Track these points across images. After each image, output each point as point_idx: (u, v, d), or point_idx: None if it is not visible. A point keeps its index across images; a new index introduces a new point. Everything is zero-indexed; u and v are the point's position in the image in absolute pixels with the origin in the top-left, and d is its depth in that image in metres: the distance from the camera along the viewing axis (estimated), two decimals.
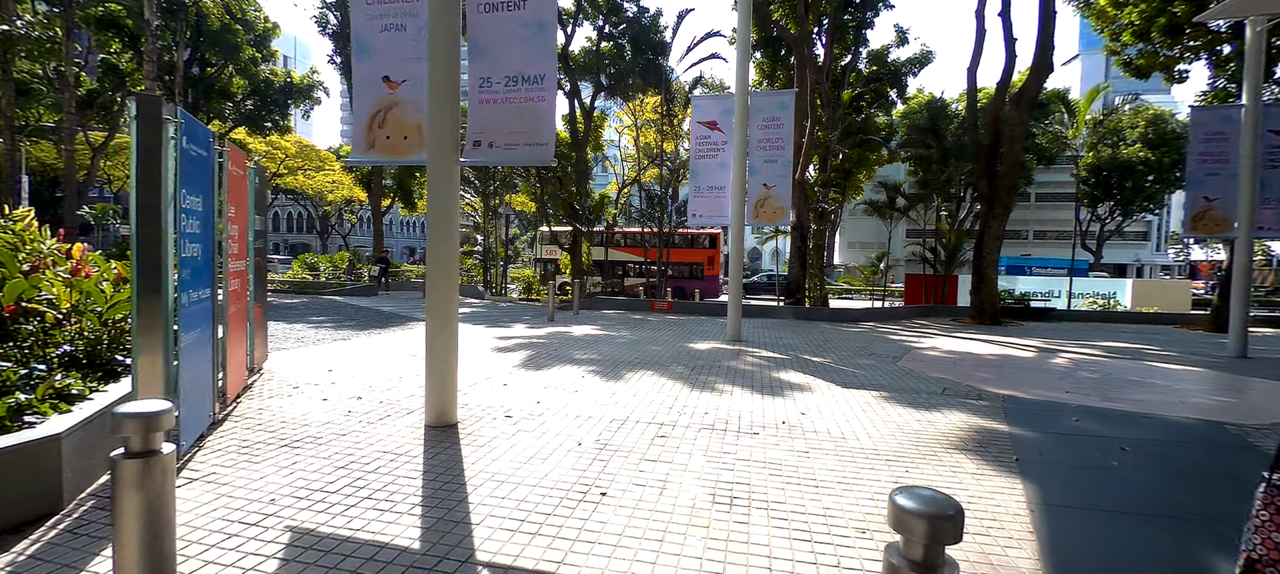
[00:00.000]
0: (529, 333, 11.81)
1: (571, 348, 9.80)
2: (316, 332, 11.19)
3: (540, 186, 28.25)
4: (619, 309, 18.53)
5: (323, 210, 56.84)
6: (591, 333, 12.10)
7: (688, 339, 11.49)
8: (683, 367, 8.32)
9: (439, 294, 5.11)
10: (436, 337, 5.14)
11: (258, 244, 6.48)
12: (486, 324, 13.49)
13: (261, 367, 7.01)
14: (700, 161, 11.62)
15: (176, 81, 29.49)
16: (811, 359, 9.51)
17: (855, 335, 13.33)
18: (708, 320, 15.88)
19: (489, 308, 18.85)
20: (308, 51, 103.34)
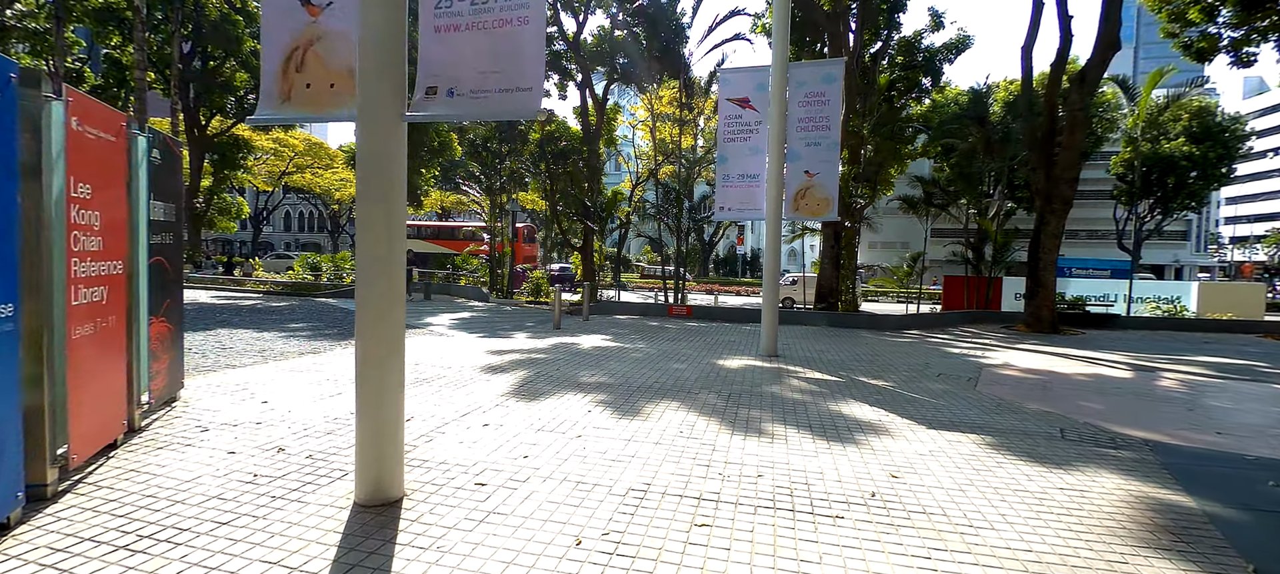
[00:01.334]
0: (530, 345, 10.21)
1: (578, 366, 8.17)
2: (285, 343, 9.68)
3: (551, 182, 26.72)
4: (633, 315, 16.89)
5: (331, 209, 55.96)
6: (602, 345, 10.47)
7: (715, 353, 9.82)
8: (715, 395, 6.65)
9: (375, 307, 3.51)
10: (371, 372, 3.54)
11: (163, 240, 4.92)
12: (484, 332, 11.92)
13: (176, 397, 5.46)
14: (730, 145, 9.95)
15: (173, 73, 28.34)
16: (869, 382, 7.79)
17: (905, 348, 11.57)
18: (733, 330, 14.18)
19: (491, 312, 17.31)
20: None
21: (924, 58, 24.79)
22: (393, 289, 3.57)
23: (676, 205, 17.54)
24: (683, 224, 17.67)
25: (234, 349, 8.82)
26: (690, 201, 18.07)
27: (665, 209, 17.97)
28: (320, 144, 51.32)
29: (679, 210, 17.55)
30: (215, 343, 9.35)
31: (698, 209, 18.24)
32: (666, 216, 17.86)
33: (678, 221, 17.77)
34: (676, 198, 17.59)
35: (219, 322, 11.95)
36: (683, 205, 17.67)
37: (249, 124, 15.47)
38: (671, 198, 17.77)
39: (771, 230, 9.49)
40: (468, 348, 9.51)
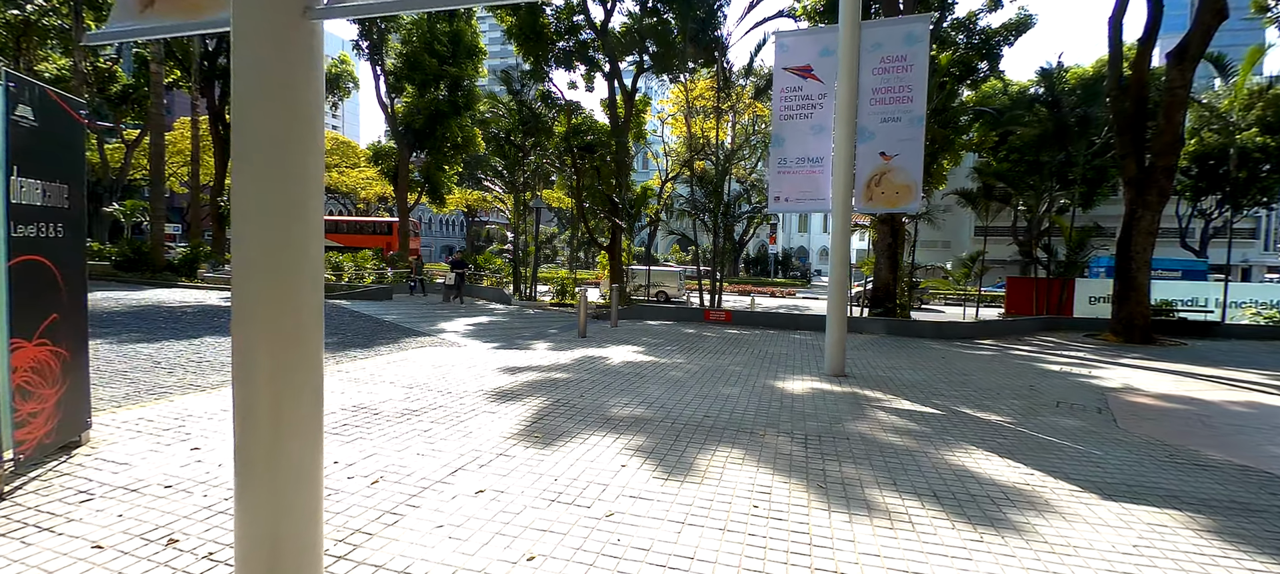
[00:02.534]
0: (550, 358, 8.77)
1: (606, 391, 6.68)
2: None
3: (577, 178, 25.36)
4: (665, 320, 15.36)
5: (357, 207, 55.79)
6: (635, 359, 8.97)
7: (768, 370, 8.24)
8: (787, 438, 5.08)
9: (261, 340, 2.07)
10: (254, 449, 2.10)
11: (44, 233, 3.59)
12: (500, 341, 10.54)
13: (78, 441, 4.14)
14: (787, 124, 8.34)
15: (195, 70, 27.86)
16: (977, 416, 6.12)
17: (989, 363, 9.80)
18: (780, 338, 12.54)
19: (512, 316, 15.98)
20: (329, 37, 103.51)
21: (980, 39, 22.71)
22: (302, 308, 2.12)
23: (713, 200, 15.95)
24: (719, 221, 16.06)
25: (207, 363, 7.58)
26: (726, 197, 16.45)
27: (700, 204, 16.39)
28: (348, 143, 51.16)
29: (716, 205, 15.96)
30: (192, 355, 8.14)
31: (733, 206, 16.59)
32: (702, 213, 16.29)
33: (715, 218, 16.17)
34: (713, 191, 16.00)
35: (213, 328, 10.83)
36: (721, 199, 16.07)
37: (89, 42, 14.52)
38: (708, 191, 16.17)
39: (838, 224, 7.87)
40: (478, 362, 8.11)
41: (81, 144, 3.92)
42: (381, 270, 26.86)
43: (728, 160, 16.61)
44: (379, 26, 31.07)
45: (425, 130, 31.17)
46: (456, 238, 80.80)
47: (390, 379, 6.75)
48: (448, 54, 30.61)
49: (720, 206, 16.02)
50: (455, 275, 20.30)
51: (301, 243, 2.10)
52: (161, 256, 22.47)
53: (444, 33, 30.82)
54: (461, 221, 73.13)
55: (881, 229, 14.82)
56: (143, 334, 9.71)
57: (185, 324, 11.19)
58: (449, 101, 31.08)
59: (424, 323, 13.17)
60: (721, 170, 16.19)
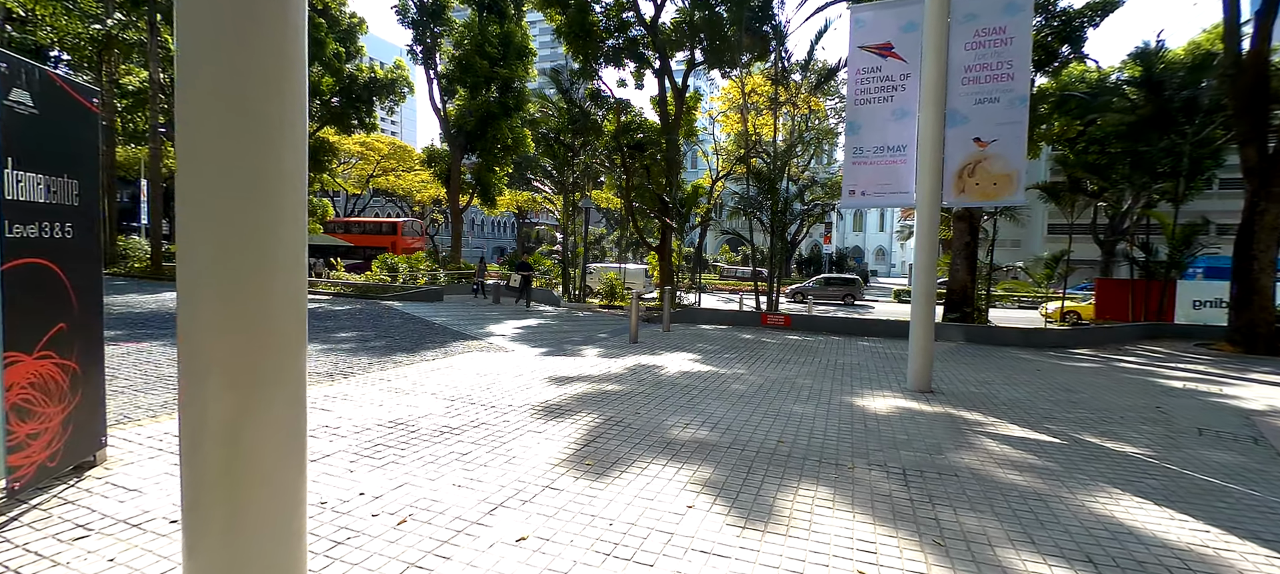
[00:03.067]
0: (601, 366, 8.19)
1: (663, 407, 6.03)
2: (316, 360, 8.19)
3: (626, 177, 24.86)
4: (719, 324, 14.58)
5: (412, 209, 57.21)
6: (691, 369, 8.28)
7: (841, 383, 7.40)
8: (880, 471, 4.29)
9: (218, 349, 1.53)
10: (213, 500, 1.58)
11: (48, 232, 3.24)
12: (548, 346, 10.05)
13: (91, 462, 3.80)
14: (864, 109, 7.46)
15: None
16: (1105, 447, 5.14)
17: (1094, 377, 8.61)
18: (847, 346, 11.59)
19: (561, 319, 15.57)
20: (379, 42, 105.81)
21: (1061, 22, 20.86)
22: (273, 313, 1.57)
23: (771, 197, 15.05)
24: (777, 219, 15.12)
25: None
26: (786, 193, 15.51)
27: (755, 202, 15.52)
28: (404, 147, 52.49)
29: (773, 203, 15.06)
30: None
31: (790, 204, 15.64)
32: (758, 211, 15.42)
33: (773, 216, 15.27)
34: (770, 187, 15.09)
35: None
36: (777, 196, 15.15)
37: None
38: (763, 188, 15.28)
39: (924, 220, 6.95)
40: (525, 371, 7.61)
41: (94, 136, 3.57)
42: (434, 272, 27.12)
43: (785, 155, 15.64)
44: (433, 31, 31.51)
45: (476, 132, 31.39)
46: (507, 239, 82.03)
47: (432, 389, 6.31)
48: (498, 56, 30.73)
49: (777, 204, 15.11)
50: (521, 278, 19.76)
51: (272, 227, 1.54)
52: None
53: (495, 35, 30.95)
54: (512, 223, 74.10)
55: (958, 226, 13.59)
56: None
57: None
58: (500, 103, 31.20)
59: (472, 326, 12.89)
60: (778, 165, 15.26)
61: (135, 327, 10.26)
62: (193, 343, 1.53)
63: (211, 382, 1.52)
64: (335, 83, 35.10)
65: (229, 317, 1.51)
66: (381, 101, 36.94)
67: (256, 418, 1.56)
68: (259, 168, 1.52)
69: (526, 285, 19.71)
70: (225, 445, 1.53)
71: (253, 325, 1.54)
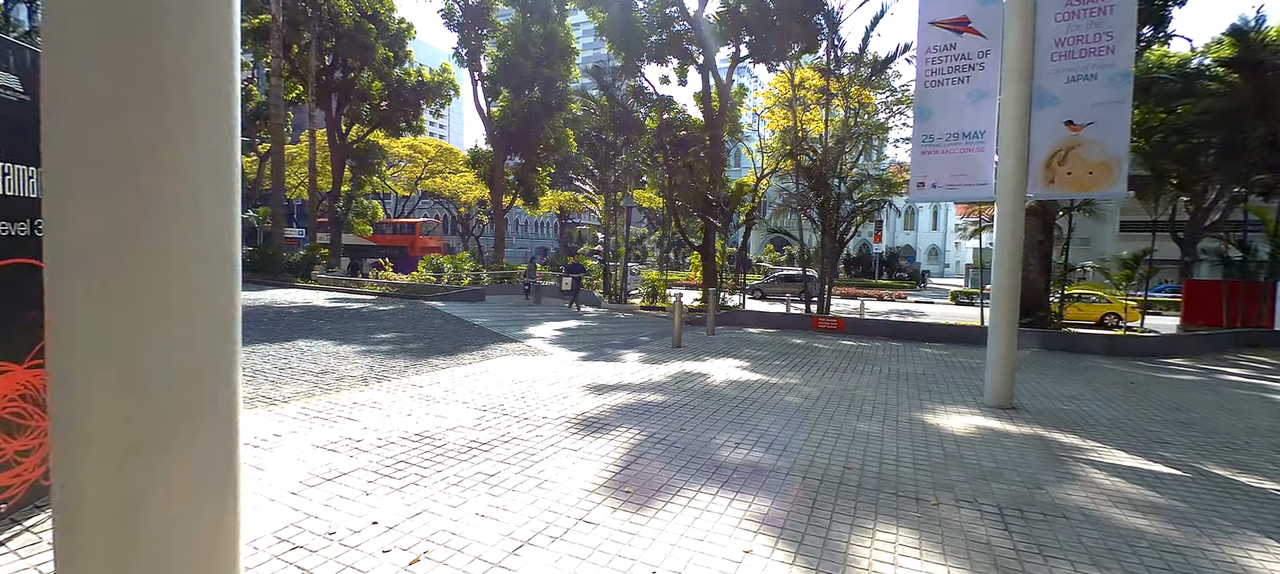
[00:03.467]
0: (643, 373, 7.71)
1: (711, 421, 5.50)
2: (354, 363, 8.03)
3: (668, 175, 24.36)
4: (766, 327, 13.89)
5: (458, 211, 58.24)
6: (740, 377, 7.71)
7: (908, 396, 6.69)
8: (970, 508, 3.65)
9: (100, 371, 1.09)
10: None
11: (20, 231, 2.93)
12: (588, 349, 9.65)
13: None
14: (934, 92, 6.72)
15: (310, 81, 29.72)
16: (1240, 481, 4.32)
17: (1196, 392, 7.58)
18: (906, 352, 10.75)
19: (602, 320, 15.18)
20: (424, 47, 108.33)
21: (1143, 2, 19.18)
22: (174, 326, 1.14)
23: (821, 193, 14.24)
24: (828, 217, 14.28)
25: (290, 370, 7.22)
26: (838, 188, 14.66)
27: (805, 198, 14.74)
28: (451, 149, 53.39)
29: (823, 199, 14.25)
30: (279, 360, 7.88)
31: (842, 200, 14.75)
32: (807, 207, 14.64)
33: (823, 212, 14.45)
34: (821, 183, 14.28)
35: (307, 330, 10.81)
36: (829, 192, 14.33)
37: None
38: (815, 184, 14.48)
39: (1007, 214, 6.17)
40: (562, 377, 7.21)
41: None
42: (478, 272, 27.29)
43: (837, 149, 14.80)
44: (478, 33, 31.77)
45: (519, 133, 31.47)
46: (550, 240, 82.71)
47: (464, 397, 5.96)
48: (542, 56, 30.71)
49: (828, 200, 14.29)
50: (572, 280, 19.23)
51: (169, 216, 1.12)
52: (282, 258, 23.96)
53: (538, 35, 30.96)
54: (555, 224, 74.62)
55: (1030, 222, 12.50)
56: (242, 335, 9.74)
57: (285, 325, 11.29)
58: (542, 103, 31.18)
59: (512, 327, 12.64)
60: (831, 158, 14.44)
61: None
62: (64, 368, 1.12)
63: (92, 423, 1.11)
64: (384, 88, 35.89)
65: (115, 339, 1.11)
66: (428, 104, 37.56)
67: (149, 468, 1.15)
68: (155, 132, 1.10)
69: (577, 288, 19.25)
70: (113, 512, 1.12)
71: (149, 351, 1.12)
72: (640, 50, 23.67)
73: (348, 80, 35.34)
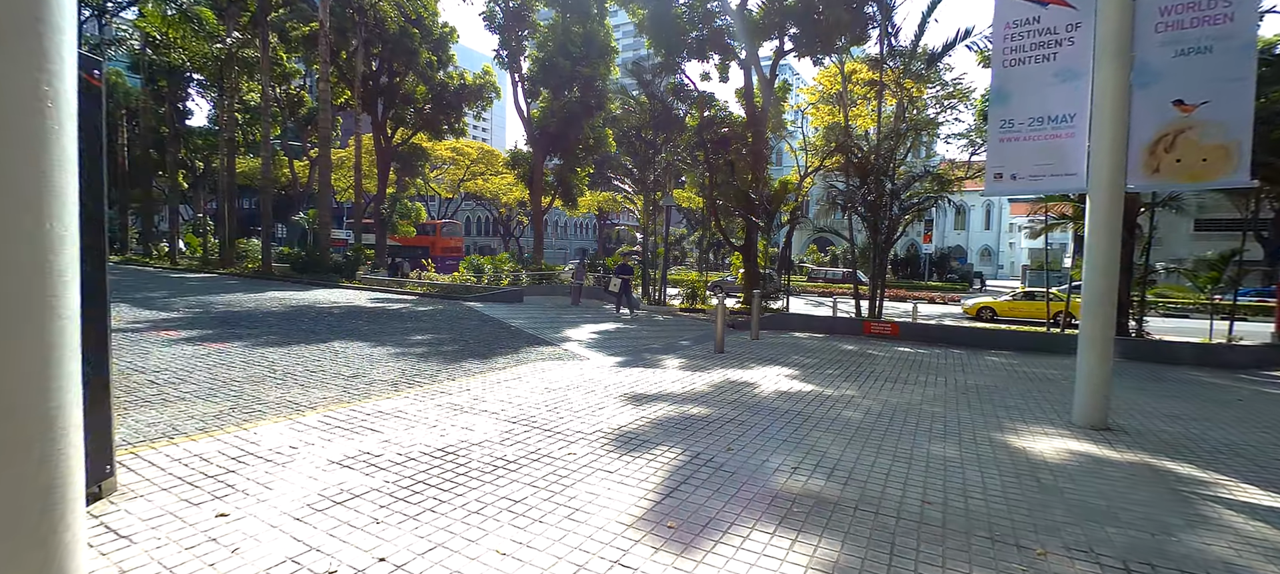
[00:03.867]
0: (685, 381, 7.21)
1: (762, 441, 4.96)
2: (386, 365, 7.80)
3: (709, 174, 23.74)
4: (814, 332, 13.16)
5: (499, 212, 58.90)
6: (790, 388, 7.12)
7: (982, 411, 5.97)
8: (1088, 563, 3.01)
9: None
10: None
11: None
12: (626, 354, 9.21)
13: (97, 492, 3.28)
14: (1015, 72, 5.98)
15: (356, 86, 30.37)
16: None
17: None
18: (969, 360, 9.91)
19: (640, 323, 14.73)
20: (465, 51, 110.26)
21: None
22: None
23: (873, 190, 13.39)
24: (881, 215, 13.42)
25: (321, 374, 7.02)
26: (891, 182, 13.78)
27: (856, 195, 13.92)
28: (491, 151, 54.00)
29: (878, 195, 13.40)
30: (313, 363, 7.72)
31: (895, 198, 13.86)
32: (858, 205, 13.81)
33: (874, 210, 13.60)
34: (873, 179, 13.43)
35: (345, 331, 10.72)
36: (882, 188, 13.48)
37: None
38: (866, 180, 13.64)
39: (1101, 204, 5.41)
40: (598, 385, 6.77)
41: (97, 114, 3.04)
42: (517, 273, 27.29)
43: (891, 141, 13.93)
44: (518, 34, 31.86)
45: (558, 133, 31.38)
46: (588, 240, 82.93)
47: (493, 406, 5.59)
48: (581, 55, 30.54)
49: (881, 197, 13.44)
50: (621, 282, 17.68)
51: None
52: (328, 259, 24.43)
53: (578, 35, 30.81)
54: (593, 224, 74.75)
55: None
56: (280, 336, 9.70)
57: (325, 325, 11.25)
58: (582, 103, 31.01)
59: (549, 329, 12.32)
60: (884, 154, 13.57)
61: (226, 326, 10.45)
62: None
63: None
64: (427, 91, 36.43)
65: None
66: (470, 107, 37.96)
67: None
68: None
69: (626, 289, 18.33)
70: None
71: None
72: (680, 47, 23.14)
73: (393, 84, 36.03)
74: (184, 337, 9.17)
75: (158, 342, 8.57)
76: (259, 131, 41.32)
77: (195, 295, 15.66)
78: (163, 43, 29.61)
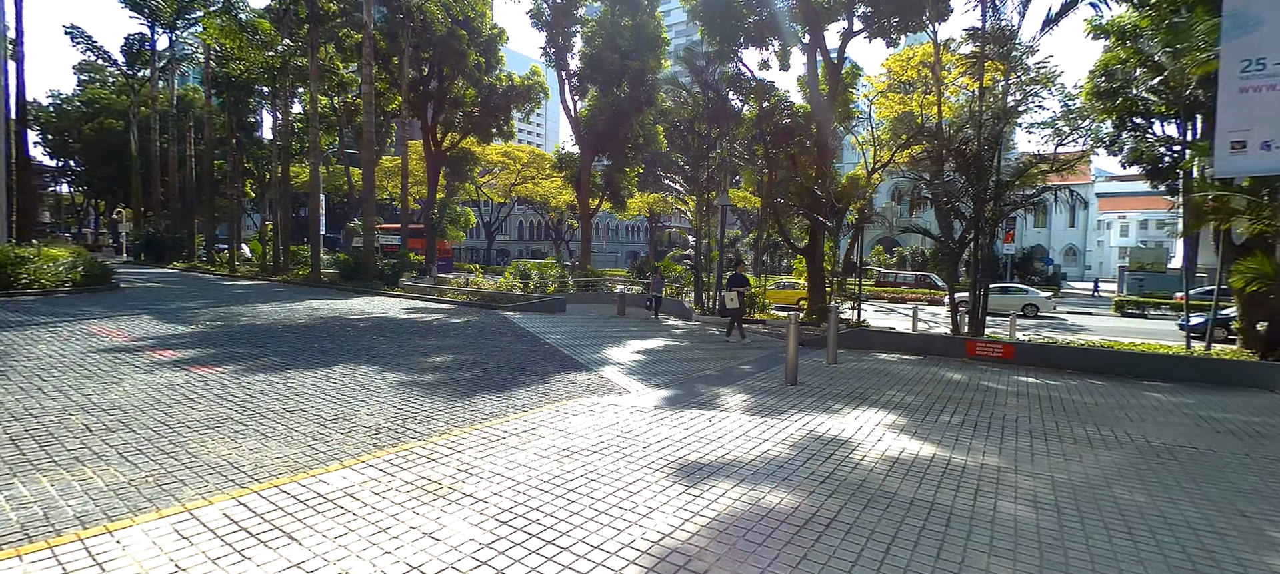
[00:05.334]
0: (752, 437, 5.39)
1: (891, 567, 3.09)
2: (380, 404, 6.37)
3: (769, 170, 21.65)
4: (901, 353, 10.98)
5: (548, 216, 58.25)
6: (900, 448, 5.18)
7: (1206, 499, 3.89)
8: None
9: None
10: None
11: None
12: (673, 385, 7.45)
13: None
14: None
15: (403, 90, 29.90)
16: None
17: None
18: (1123, 395, 7.59)
19: (692, 338, 12.91)
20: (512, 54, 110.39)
21: None
22: None
23: (979, 180, 11.06)
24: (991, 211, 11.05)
25: (296, 417, 5.63)
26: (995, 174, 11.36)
27: (953, 188, 11.60)
28: (542, 154, 53.40)
29: (980, 187, 11.06)
30: (295, 400, 6.37)
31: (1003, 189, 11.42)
32: (958, 198, 11.50)
33: (979, 204, 11.26)
34: (978, 169, 11.08)
35: (358, 351, 9.47)
36: (986, 175, 11.13)
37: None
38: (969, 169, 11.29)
39: None
40: (636, 445, 5.05)
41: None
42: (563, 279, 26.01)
43: (1005, 117, 11.53)
44: (566, 31, 30.68)
45: (607, 131, 29.98)
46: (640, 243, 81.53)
47: (482, 489, 3.96)
48: (630, 48, 29.03)
49: (985, 188, 11.10)
50: (737, 296, 12.40)
51: None
52: (372, 266, 23.85)
53: (627, 28, 29.33)
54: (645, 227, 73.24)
55: None
56: (285, 357, 8.50)
57: (342, 342, 10.05)
58: (631, 98, 29.50)
59: (587, 348, 10.71)
60: (995, 137, 11.21)
61: (234, 344, 9.37)
62: None
63: None
64: (476, 94, 35.83)
65: None
66: (519, 109, 37.15)
67: None
68: None
69: (741, 312, 12.76)
70: None
71: None
72: (737, 33, 21.17)
73: (442, 88, 35.64)
74: (177, 358, 8.07)
75: (144, 365, 7.48)
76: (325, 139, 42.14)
77: (230, 305, 14.99)
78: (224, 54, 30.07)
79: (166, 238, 36.96)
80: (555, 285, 24.00)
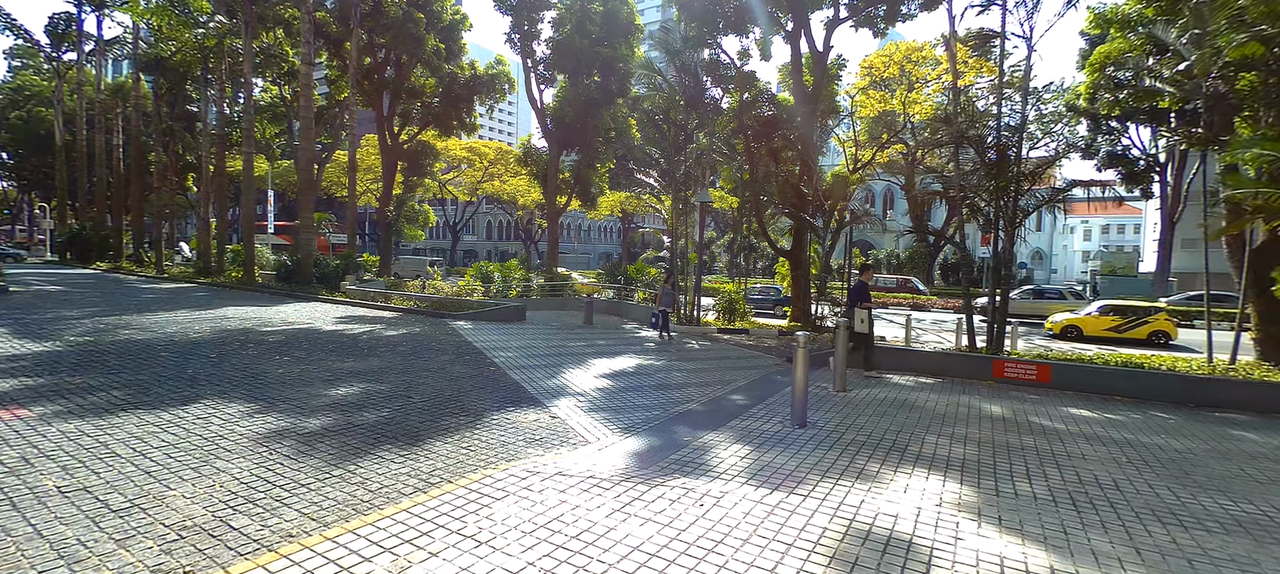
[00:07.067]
0: (758, 508, 3.56)
1: None
2: (195, 479, 4.36)
3: (749, 165, 19.98)
4: (916, 374, 9.34)
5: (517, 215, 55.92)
6: (979, 545, 3.41)
7: None
8: None
9: None
10: None
11: None
12: (646, 431, 5.62)
13: None
14: None
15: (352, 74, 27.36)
16: None
17: None
18: (1207, 434, 6.02)
19: (669, 353, 11.06)
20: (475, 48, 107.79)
21: None
22: None
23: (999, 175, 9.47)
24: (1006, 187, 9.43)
25: (81, 494, 3.59)
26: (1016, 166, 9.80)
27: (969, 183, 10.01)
28: (508, 150, 51.00)
29: (1001, 181, 9.49)
30: (84, 475, 4.32)
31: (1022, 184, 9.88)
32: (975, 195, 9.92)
33: (996, 202, 9.70)
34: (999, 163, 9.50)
35: (237, 381, 7.36)
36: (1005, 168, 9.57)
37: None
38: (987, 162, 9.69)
39: None
40: (596, 540, 3.18)
41: None
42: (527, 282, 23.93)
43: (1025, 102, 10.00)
44: (532, 16, 28.57)
45: (576, 124, 27.98)
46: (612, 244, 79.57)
47: None
48: (601, 34, 27.11)
49: (1006, 183, 9.56)
50: (866, 317, 9.31)
51: None
52: (309, 270, 21.43)
53: (598, 12, 27.40)
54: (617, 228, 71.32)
55: None
56: (133, 390, 6.34)
57: (228, 365, 7.88)
58: (602, 88, 27.56)
59: (542, 370, 8.76)
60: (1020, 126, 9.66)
61: (78, 371, 7.15)
62: None
63: None
64: (436, 84, 33.40)
65: None
66: (482, 100, 34.83)
67: None
68: None
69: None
70: None
71: None
72: (716, 17, 19.46)
73: (399, 77, 33.11)
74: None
75: None
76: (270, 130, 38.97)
77: (125, 314, 12.58)
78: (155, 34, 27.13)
79: (92, 236, 33.65)
80: (517, 290, 21.94)
